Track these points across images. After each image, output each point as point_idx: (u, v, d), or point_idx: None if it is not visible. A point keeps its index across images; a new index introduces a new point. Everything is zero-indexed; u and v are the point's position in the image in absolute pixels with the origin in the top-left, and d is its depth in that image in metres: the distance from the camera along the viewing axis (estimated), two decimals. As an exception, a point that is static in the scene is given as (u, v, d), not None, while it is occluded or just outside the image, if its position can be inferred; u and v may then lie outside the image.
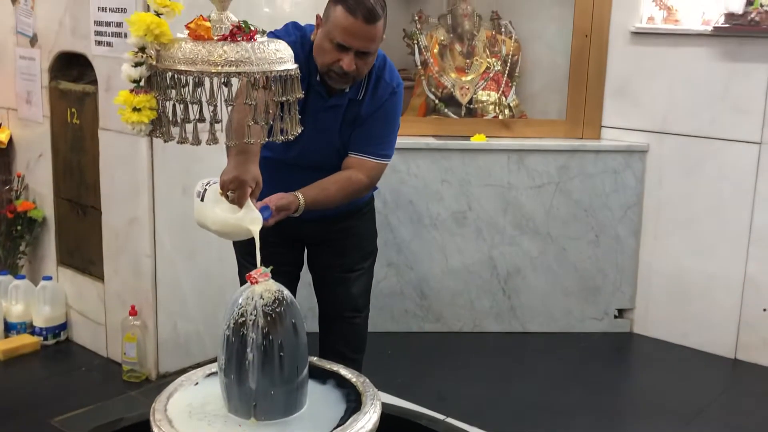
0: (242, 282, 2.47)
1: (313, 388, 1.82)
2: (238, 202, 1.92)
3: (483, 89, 4.18)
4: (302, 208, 2.24)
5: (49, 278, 3.70)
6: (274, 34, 2.25)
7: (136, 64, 1.58)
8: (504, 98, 4.19)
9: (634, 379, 3.73)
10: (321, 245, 2.64)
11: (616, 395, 3.48)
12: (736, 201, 3.70)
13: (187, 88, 1.55)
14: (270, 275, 1.76)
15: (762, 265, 3.67)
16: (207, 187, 1.98)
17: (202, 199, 1.97)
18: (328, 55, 2.26)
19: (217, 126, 1.56)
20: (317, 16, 2.33)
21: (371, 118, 2.41)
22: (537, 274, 4.00)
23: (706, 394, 3.47)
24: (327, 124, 2.39)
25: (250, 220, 1.90)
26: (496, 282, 3.99)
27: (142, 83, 1.58)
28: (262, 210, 2.04)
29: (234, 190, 1.93)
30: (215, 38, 1.55)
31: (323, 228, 2.57)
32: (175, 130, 1.59)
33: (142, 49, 1.57)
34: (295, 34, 2.33)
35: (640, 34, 3.87)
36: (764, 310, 3.69)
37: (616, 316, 4.06)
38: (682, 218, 3.86)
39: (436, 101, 4.17)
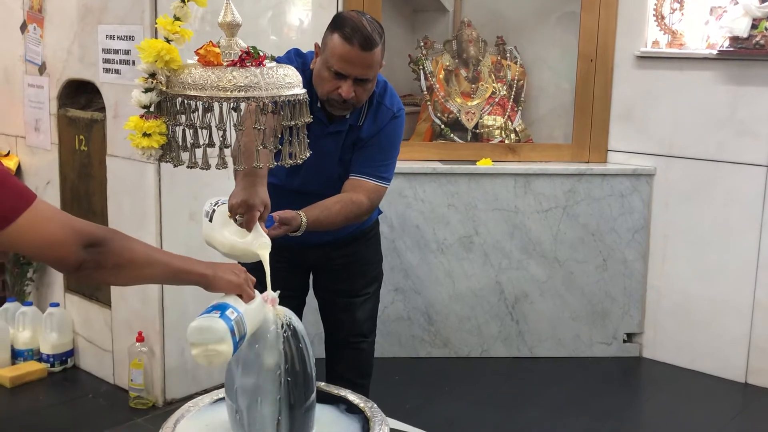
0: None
1: (321, 414, 1.81)
2: (247, 226, 1.91)
3: (489, 114, 4.19)
4: (304, 227, 2.21)
5: (57, 305, 3.70)
6: (276, 61, 2.27)
7: (147, 90, 1.59)
8: (510, 123, 4.20)
9: (644, 404, 3.69)
10: (326, 270, 2.64)
11: (625, 420, 3.45)
12: (744, 224, 3.69)
13: (196, 113, 1.56)
14: (278, 300, 1.76)
15: (771, 289, 3.65)
16: (215, 207, 1.95)
17: (210, 220, 1.96)
18: (326, 83, 2.27)
19: (227, 150, 1.56)
20: (315, 45, 2.34)
21: (371, 141, 2.42)
22: (545, 299, 3.98)
23: (717, 419, 3.44)
24: (328, 151, 2.39)
25: (259, 245, 1.88)
26: (504, 307, 3.98)
27: (152, 109, 1.59)
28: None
29: (242, 214, 1.92)
30: (225, 64, 1.56)
31: (328, 253, 2.57)
32: (184, 155, 1.60)
33: (153, 75, 1.58)
34: (296, 61, 2.34)
35: (645, 58, 3.88)
36: (774, 333, 3.67)
37: (624, 341, 4.04)
38: (690, 242, 3.85)
39: (442, 126, 4.18)
